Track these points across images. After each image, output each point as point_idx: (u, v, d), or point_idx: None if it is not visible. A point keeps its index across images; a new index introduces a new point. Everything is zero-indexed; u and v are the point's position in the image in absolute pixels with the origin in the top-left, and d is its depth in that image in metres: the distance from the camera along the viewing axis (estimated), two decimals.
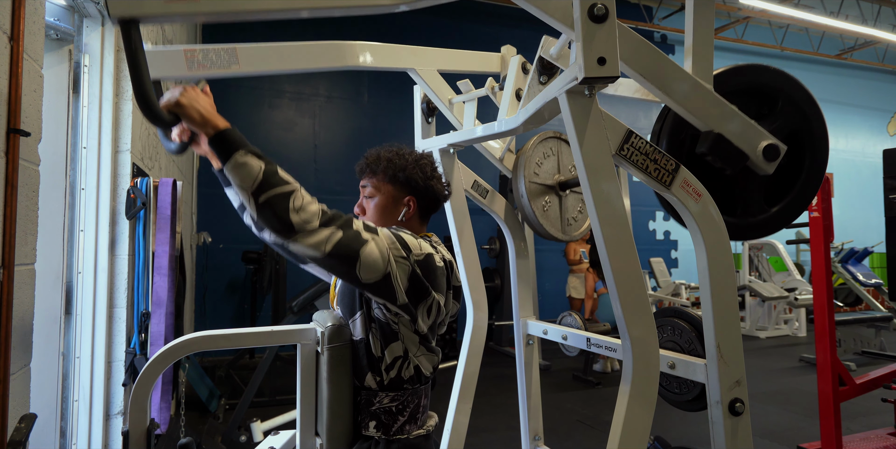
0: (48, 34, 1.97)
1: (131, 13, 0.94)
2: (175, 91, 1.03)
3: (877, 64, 10.71)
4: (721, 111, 1.27)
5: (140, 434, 1.17)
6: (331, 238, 1.06)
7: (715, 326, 1.26)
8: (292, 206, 1.03)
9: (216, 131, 1.03)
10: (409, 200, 1.34)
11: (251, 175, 1.00)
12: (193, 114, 1.02)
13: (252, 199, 1.00)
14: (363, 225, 1.14)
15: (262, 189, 1.00)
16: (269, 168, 1.03)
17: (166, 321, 2.20)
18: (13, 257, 1.20)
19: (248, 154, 1.02)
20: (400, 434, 1.22)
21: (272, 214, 1.01)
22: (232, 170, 1.00)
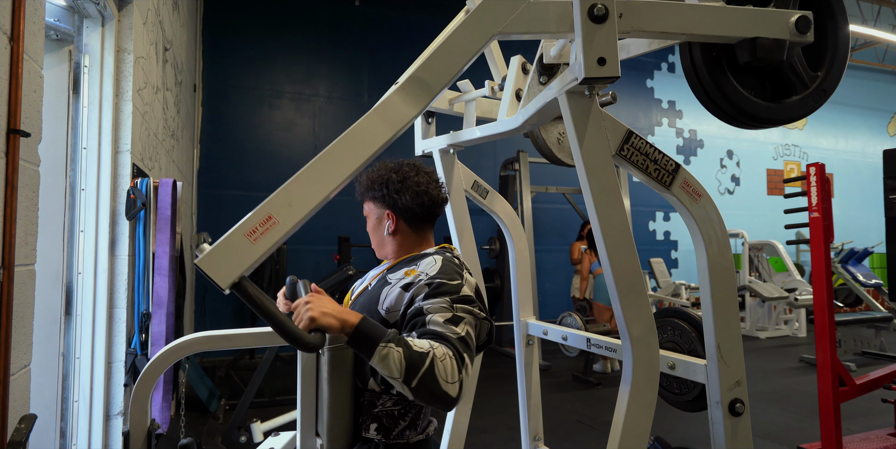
0: (48, 35, 1.97)
1: (235, 277, 0.97)
2: (301, 310, 1.03)
3: (877, 64, 10.71)
4: (742, 19, 1.26)
5: (141, 434, 1.17)
6: (465, 383, 1.08)
7: (715, 327, 1.26)
8: (441, 380, 1.02)
9: (352, 329, 1.03)
10: (387, 215, 1.35)
11: (396, 366, 1.00)
12: (332, 323, 1.01)
13: (406, 388, 1.01)
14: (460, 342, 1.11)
15: (411, 376, 1.01)
16: (406, 351, 1.02)
17: (167, 322, 2.20)
18: (13, 258, 1.20)
19: (388, 344, 1.01)
20: (399, 439, 1.21)
21: (430, 395, 1.02)
22: (378, 365, 1.01)
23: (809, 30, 1.29)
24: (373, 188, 1.35)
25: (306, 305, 1.03)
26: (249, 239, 0.98)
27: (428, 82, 1.13)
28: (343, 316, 1.03)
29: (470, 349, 1.11)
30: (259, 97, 6.58)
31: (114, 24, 2.17)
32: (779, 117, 1.39)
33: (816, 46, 1.39)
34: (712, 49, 1.33)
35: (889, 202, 3.00)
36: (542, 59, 1.51)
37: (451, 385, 1.03)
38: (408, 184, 1.33)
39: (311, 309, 1.02)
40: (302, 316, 1.02)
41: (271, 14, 6.65)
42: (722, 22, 1.25)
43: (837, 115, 10.42)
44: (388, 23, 7.18)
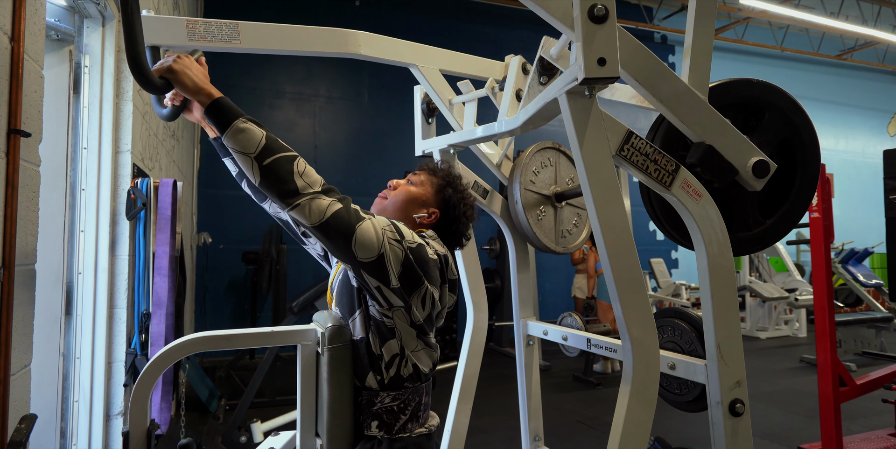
0: (49, 35, 1.97)
1: None
2: (168, 58, 1.04)
3: (877, 64, 10.71)
4: (714, 123, 1.27)
5: (140, 435, 1.17)
6: (330, 207, 1.08)
7: (715, 327, 1.26)
8: (296, 170, 1.04)
9: (211, 100, 1.03)
10: (433, 212, 1.36)
11: (254, 140, 1.01)
12: (186, 81, 1.03)
13: (255, 164, 1.01)
14: (360, 207, 1.16)
15: (266, 153, 1.01)
16: (270, 135, 1.04)
17: (167, 322, 2.20)
18: (13, 258, 1.20)
19: (248, 121, 1.03)
20: (402, 433, 1.22)
21: (276, 177, 1.02)
22: (233, 136, 1.01)
23: (763, 178, 1.29)
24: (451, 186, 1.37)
25: (177, 59, 1.04)
26: None
27: None
28: (205, 85, 1.04)
29: (348, 208, 1.10)
30: (259, 97, 6.59)
31: (114, 24, 2.17)
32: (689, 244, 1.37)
33: (776, 194, 1.40)
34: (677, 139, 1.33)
35: (889, 202, 3.00)
36: (542, 59, 1.51)
37: (302, 180, 1.03)
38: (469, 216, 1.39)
39: (178, 62, 1.03)
40: (164, 61, 1.02)
41: (272, 14, 6.66)
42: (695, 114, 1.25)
43: (838, 115, 10.42)
44: (389, 23, 7.19)
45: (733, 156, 1.28)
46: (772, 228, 1.41)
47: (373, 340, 1.21)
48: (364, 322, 1.22)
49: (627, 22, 8.34)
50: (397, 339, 1.21)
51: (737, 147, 1.28)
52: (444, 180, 1.39)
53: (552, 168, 2.01)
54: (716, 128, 1.27)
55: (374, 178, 6.76)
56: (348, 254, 1.12)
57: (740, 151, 1.28)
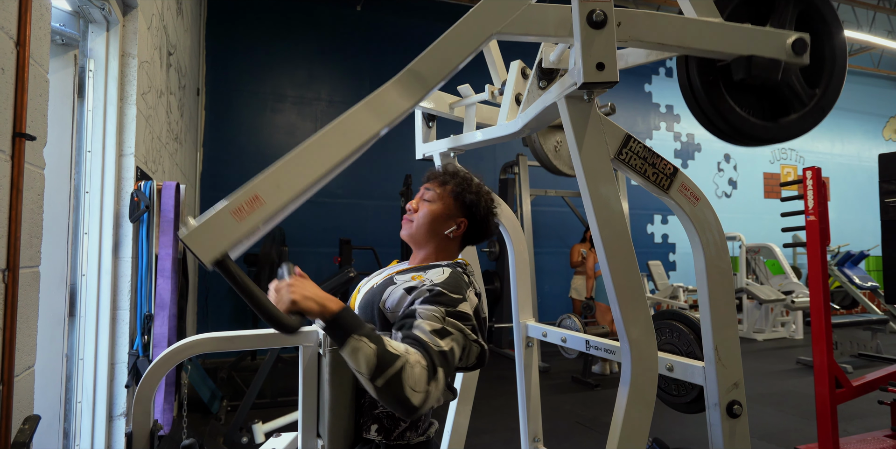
0: (54, 39, 1.99)
1: (218, 253, 0.96)
2: (283, 291, 1.03)
3: (872, 69, 10.75)
4: (739, 36, 1.27)
5: (143, 435, 1.17)
6: (432, 395, 1.05)
7: (713, 329, 1.28)
8: (408, 387, 1.01)
9: (331, 316, 1.02)
10: (461, 221, 1.36)
11: (365, 362, 0.99)
12: (312, 306, 1.01)
13: (371, 385, 1.00)
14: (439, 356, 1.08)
15: (378, 374, 0.99)
16: (380, 349, 1.01)
17: (169, 323, 2.21)
18: (18, 260, 1.21)
19: (362, 338, 1.01)
20: (400, 440, 1.22)
21: (393, 398, 1.01)
22: (348, 356, 1.01)
23: (805, 52, 1.30)
24: (470, 191, 1.36)
25: (289, 287, 1.03)
26: (235, 217, 0.98)
27: (423, 75, 1.13)
28: (324, 301, 1.02)
29: (447, 365, 1.08)
30: (262, 101, 6.60)
31: (118, 28, 2.18)
32: (775, 136, 1.39)
33: (814, 63, 1.40)
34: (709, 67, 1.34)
35: (885, 205, 3.02)
36: (541, 63, 1.52)
37: (416, 393, 1.01)
38: (493, 211, 1.39)
39: (293, 291, 1.02)
40: (283, 297, 1.01)
41: (274, 19, 6.68)
42: (719, 38, 1.26)
43: (833, 119, 10.45)
44: (390, 28, 7.21)
45: (771, 50, 1.29)
46: (824, 95, 1.42)
47: None
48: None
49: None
50: None
51: (770, 42, 1.29)
52: (458, 187, 1.37)
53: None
54: (743, 39, 1.28)
55: (375, 182, 6.77)
56: None
57: (774, 43, 1.29)
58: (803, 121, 1.40)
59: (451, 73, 1.15)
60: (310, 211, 6.42)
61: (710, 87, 1.34)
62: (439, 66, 1.14)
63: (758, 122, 1.37)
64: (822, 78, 1.42)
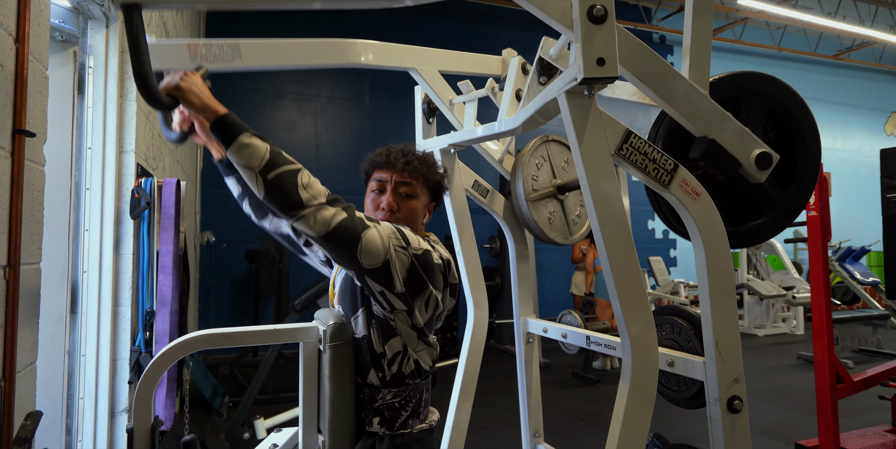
0: (53, 36, 1.98)
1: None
2: (175, 75, 1.05)
3: (874, 64, 10.72)
4: (716, 117, 1.28)
5: (144, 431, 1.18)
6: (335, 217, 1.07)
7: (713, 324, 1.28)
8: (300, 183, 1.04)
9: (217, 116, 1.04)
10: (431, 207, 1.40)
11: (258, 155, 1.01)
12: (193, 98, 1.03)
13: (260, 178, 1.01)
14: (364, 215, 1.17)
15: (271, 167, 1.02)
16: (274, 149, 1.05)
17: (170, 320, 2.22)
18: (19, 257, 1.21)
19: (253, 136, 1.04)
20: (403, 429, 1.23)
21: (280, 191, 1.03)
22: (237, 151, 1.01)
23: (767, 169, 1.30)
24: (432, 173, 1.38)
25: (183, 75, 1.04)
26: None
27: None
28: (211, 102, 1.04)
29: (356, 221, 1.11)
30: (262, 97, 6.60)
31: (118, 25, 2.18)
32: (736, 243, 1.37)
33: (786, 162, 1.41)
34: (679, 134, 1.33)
35: (886, 201, 3.01)
36: (541, 59, 1.52)
37: (305, 192, 1.03)
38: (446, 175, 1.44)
39: (184, 80, 1.03)
40: (172, 79, 1.03)
41: (274, 15, 6.66)
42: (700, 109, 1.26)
43: (835, 114, 10.44)
44: (390, 24, 7.18)
45: (736, 149, 1.29)
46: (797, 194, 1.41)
47: (375, 337, 1.23)
48: (366, 320, 1.24)
49: (626, 22, 8.34)
50: (399, 337, 1.23)
51: (740, 140, 1.29)
52: (426, 175, 1.37)
53: (547, 164, 2.02)
54: (717, 122, 1.28)
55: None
56: (353, 262, 1.13)
57: (743, 144, 1.30)
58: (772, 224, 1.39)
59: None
60: None
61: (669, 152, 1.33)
62: None
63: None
64: (794, 177, 1.42)
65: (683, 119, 1.28)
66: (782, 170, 1.41)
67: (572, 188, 1.99)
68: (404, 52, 1.78)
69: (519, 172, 1.92)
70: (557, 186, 1.99)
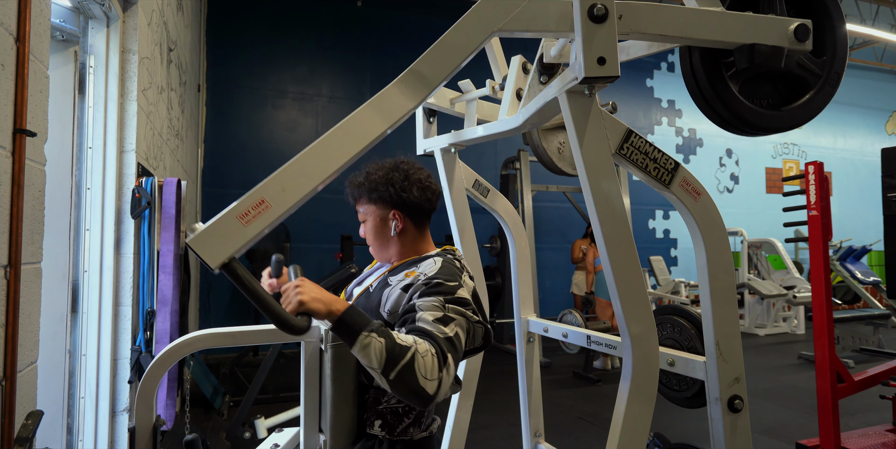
0: (54, 35, 1.98)
1: (225, 257, 0.98)
2: (289, 293, 1.03)
3: (875, 63, 10.70)
4: (740, 25, 1.27)
5: (146, 430, 1.18)
6: (445, 382, 1.05)
7: (714, 324, 1.28)
8: (420, 376, 1.01)
9: (338, 317, 1.03)
10: (394, 214, 1.34)
11: (377, 357, 1.00)
12: (319, 307, 1.02)
13: (384, 379, 1.01)
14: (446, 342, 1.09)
15: (390, 367, 1.00)
16: (388, 343, 1.01)
17: (171, 319, 2.22)
18: (20, 256, 1.21)
19: (371, 334, 1.01)
20: (403, 436, 1.23)
21: (407, 389, 1.01)
22: (359, 354, 1.01)
23: (808, 38, 1.29)
24: (376, 189, 1.33)
25: (296, 289, 1.03)
26: (241, 221, 0.99)
27: (426, 75, 1.13)
28: (331, 302, 1.03)
29: (455, 350, 1.09)
30: (262, 97, 6.60)
31: (119, 24, 2.18)
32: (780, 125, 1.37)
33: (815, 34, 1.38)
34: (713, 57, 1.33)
35: (887, 200, 3.01)
36: (542, 58, 1.52)
37: (430, 382, 1.02)
38: (412, 180, 1.34)
39: (301, 293, 1.02)
40: (291, 299, 1.02)
41: (274, 15, 6.66)
42: (721, 27, 1.25)
43: (836, 113, 10.42)
44: (390, 23, 7.18)
45: (774, 38, 1.28)
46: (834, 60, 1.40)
47: None
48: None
49: None
50: None
51: (771, 29, 1.28)
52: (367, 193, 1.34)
53: None
54: (745, 27, 1.27)
55: None
56: None
57: (777, 31, 1.28)
58: (821, 94, 1.38)
59: (453, 72, 1.16)
60: (311, 207, 6.42)
61: (715, 78, 1.32)
62: (441, 65, 1.14)
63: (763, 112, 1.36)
64: (825, 45, 1.40)
65: (715, 43, 1.27)
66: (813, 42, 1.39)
67: None
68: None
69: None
70: None
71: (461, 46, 1.15)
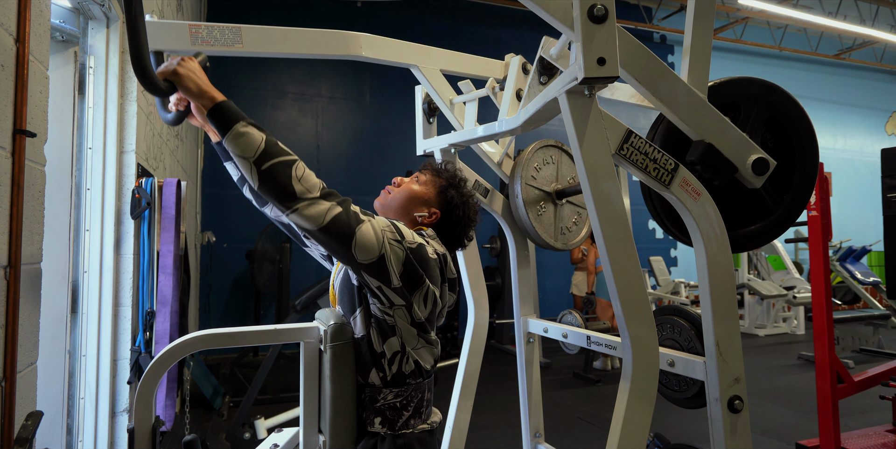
0: (54, 36, 1.98)
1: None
2: (173, 61, 1.04)
3: (875, 64, 10.71)
4: (714, 121, 1.28)
5: (145, 431, 1.18)
6: (330, 211, 1.07)
7: (714, 324, 1.28)
8: (294, 175, 1.03)
9: (214, 103, 1.03)
10: (434, 212, 1.37)
11: (253, 144, 1.01)
12: (190, 84, 1.03)
13: (254, 168, 1.01)
14: (360, 208, 1.16)
15: (265, 158, 1.01)
16: (269, 139, 1.04)
17: (171, 320, 2.22)
18: (20, 257, 1.21)
19: (249, 125, 1.03)
20: (405, 429, 1.23)
21: (274, 182, 1.02)
22: (233, 140, 1.01)
23: (763, 175, 1.30)
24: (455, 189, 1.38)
25: (181, 61, 1.04)
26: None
27: None
28: (208, 88, 1.04)
29: (347, 208, 1.11)
30: (262, 97, 6.60)
31: (118, 25, 2.18)
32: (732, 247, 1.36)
33: (784, 168, 1.41)
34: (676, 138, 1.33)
35: (887, 200, 3.01)
36: (542, 59, 1.52)
37: (300, 184, 1.03)
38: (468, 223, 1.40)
39: (182, 65, 1.03)
40: (170, 65, 1.03)
41: (274, 15, 6.67)
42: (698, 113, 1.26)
43: (835, 114, 10.43)
44: (390, 24, 7.19)
45: (733, 154, 1.29)
46: (794, 202, 1.41)
47: (374, 337, 1.22)
48: (365, 320, 1.23)
49: (627, 22, 8.34)
50: (398, 336, 1.23)
51: (736, 145, 1.30)
52: (447, 182, 1.39)
53: (553, 166, 2.02)
54: (715, 126, 1.28)
55: (377, 178, 6.77)
56: (348, 256, 1.13)
57: (740, 149, 1.30)
58: (768, 230, 1.39)
59: None
60: None
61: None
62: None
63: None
64: (792, 184, 1.42)
65: (681, 122, 1.28)
66: (779, 177, 1.42)
67: (570, 193, 1.99)
68: (407, 48, 1.78)
69: (520, 165, 1.93)
70: (556, 190, 1.99)
71: None
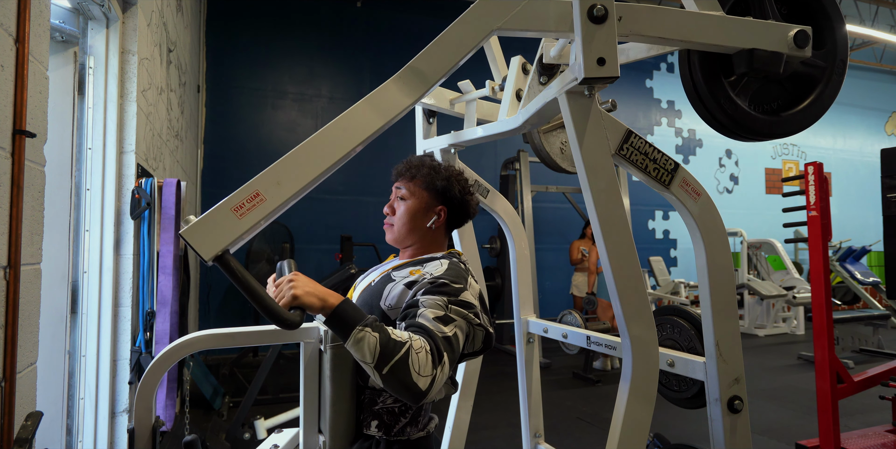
0: (53, 36, 1.98)
1: (218, 250, 0.97)
2: (283, 287, 1.03)
3: (874, 64, 10.72)
4: (740, 29, 1.26)
5: (145, 431, 1.18)
6: (438, 380, 1.05)
7: (714, 325, 1.28)
8: (414, 372, 1.01)
9: (332, 310, 1.02)
10: (440, 210, 1.36)
11: (370, 351, 0.99)
12: (313, 302, 1.01)
13: (376, 373, 1.00)
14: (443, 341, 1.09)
15: (383, 362, 0.99)
16: (383, 337, 1.01)
17: (171, 320, 2.22)
18: (19, 257, 1.21)
19: (364, 328, 1.01)
20: (401, 436, 1.22)
21: (399, 384, 1.01)
22: (352, 348, 1.00)
23: (807, 44, 1.28)
24: (437, 177, 1.35)
25: (289, 283, 1.03)
26: (236, 214, 0.99)
27: (424, 73, 1.13)
28: (325, 296, 1.03)
29: (452, 350, 1.09)
30: (262, 98, 6.60)
31: (118, 25, 2.18)
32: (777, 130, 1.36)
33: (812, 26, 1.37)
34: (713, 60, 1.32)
35: (886, 200, 3.01)
36: (542, 59, 1.52)
37: (423, 378, 1.01)
38: (469, 191, 1.39)
39: (294, 287, 1.02)
40: (284, 293, 1.02)
41: (274, 16, 6.66)
42: (720, 31, 1.25)
43: (835, 114, 10.43)
44: (390, 24, 7.19)
45: (773, 44, 1.27)
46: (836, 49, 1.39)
47: None
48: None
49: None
50: None
51: (771, 35, 1.27)
52: (427, 177, 1.36)
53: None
54: (745, 32, 1.26)
55: (376, 178, 6.77)
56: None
57: (776, 36, 1.28)
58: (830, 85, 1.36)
59: (451, 70, 1.15)
60: (311, 208, 6.42)
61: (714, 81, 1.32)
62: (440, 63, 1.14)
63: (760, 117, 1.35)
64: (824, 38, 1.39)
65: (714, 47, 1.26)
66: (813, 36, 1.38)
67: None
68: None
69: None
70: None
71: (460, 44, 1.15)
